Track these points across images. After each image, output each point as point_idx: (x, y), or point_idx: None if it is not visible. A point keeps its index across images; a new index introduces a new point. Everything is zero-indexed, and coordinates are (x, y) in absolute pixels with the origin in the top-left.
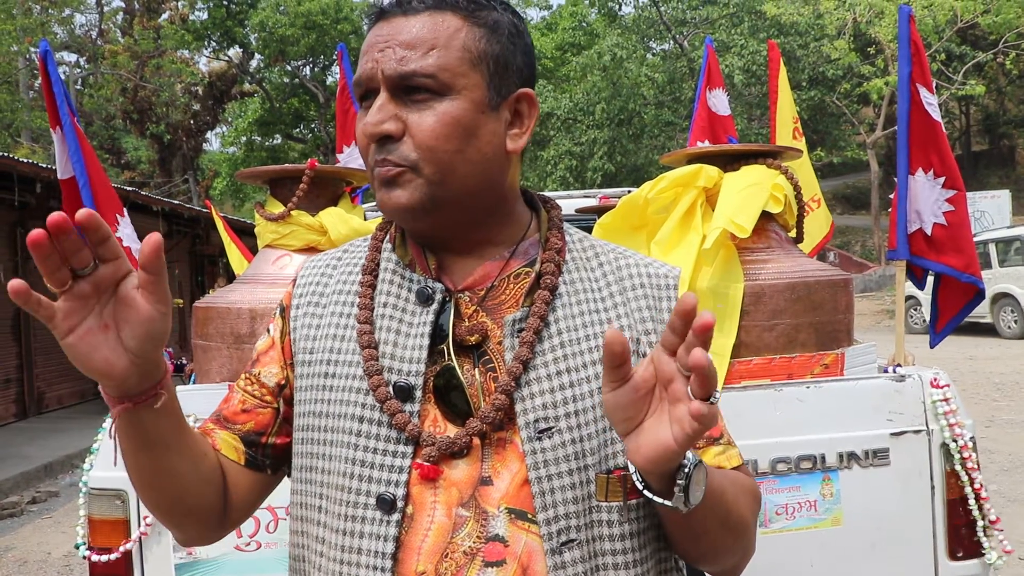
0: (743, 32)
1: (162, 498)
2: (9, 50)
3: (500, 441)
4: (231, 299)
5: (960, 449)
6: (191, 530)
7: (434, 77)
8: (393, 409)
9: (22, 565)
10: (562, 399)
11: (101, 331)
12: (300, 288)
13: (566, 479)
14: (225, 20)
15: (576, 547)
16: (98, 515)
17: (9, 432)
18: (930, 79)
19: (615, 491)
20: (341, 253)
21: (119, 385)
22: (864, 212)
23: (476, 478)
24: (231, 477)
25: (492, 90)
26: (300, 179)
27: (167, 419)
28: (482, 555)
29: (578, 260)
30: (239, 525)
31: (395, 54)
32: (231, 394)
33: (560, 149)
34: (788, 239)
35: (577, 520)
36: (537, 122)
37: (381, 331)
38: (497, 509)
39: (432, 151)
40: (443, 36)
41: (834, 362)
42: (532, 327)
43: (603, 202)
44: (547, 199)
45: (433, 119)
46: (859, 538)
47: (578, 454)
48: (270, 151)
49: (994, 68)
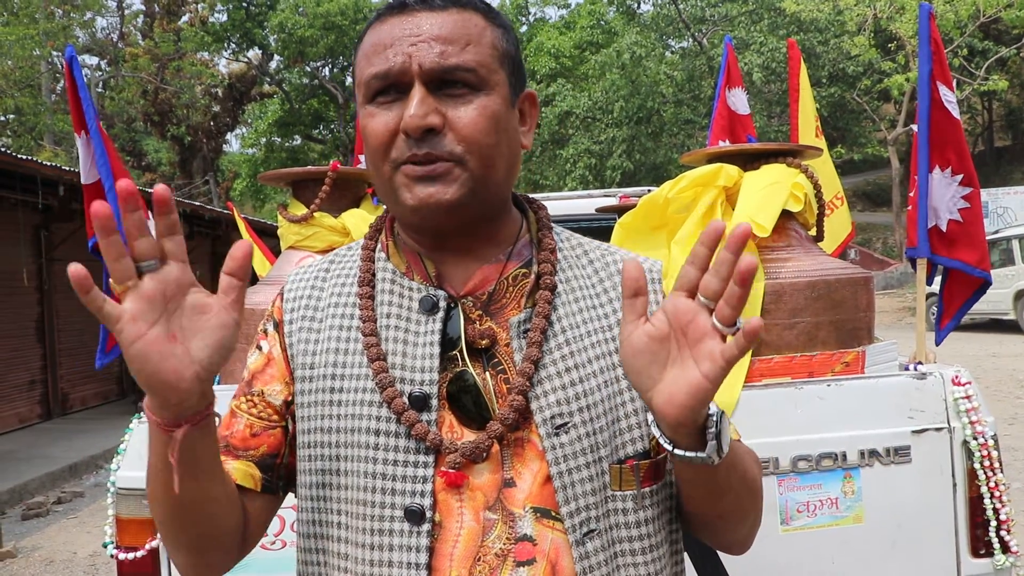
0: (762, 29)
1: (200, 527)
2: (32, 54)
3: (518, 441)
4: (255, 300)
5: (980, 447)
6: (214, 557)
7: (475, 71)
8: (411, 420)
9: (48, 564)
10: (574, 395)
11: (169, 341)
12: (290, 303)
13: (584, 472)
14: (244, 22)
15: (597, 537)
16: (126, 514)
17: (34, 433)
18: (949, 77)
19: (628, 479)
20: (328, 264)
21: (180, 403)
22: (885, 209)
23: (499, 481)
24: (247, 505)
25: (511, 88)
26: (323, 181)
27: (213, 444)
28: (513, 555)
29: (570, 259)
30: (250, 551)
31: (432, 48)
32: (232, 420)
33: (579, 148)
34: (808, 238)
35: (596, 511)
36: (556, 121)
37: (387, 342)
38: (523, 510)
39: (476, 144)
40: (475, 33)
41: (855, 360)
42: (538, 327)
43: (623, 201)
44: (532, 200)
45: (475, 112)
46: (880, 536)
47: (593, 447)
48: (290, 152)
49: (1017, 63)
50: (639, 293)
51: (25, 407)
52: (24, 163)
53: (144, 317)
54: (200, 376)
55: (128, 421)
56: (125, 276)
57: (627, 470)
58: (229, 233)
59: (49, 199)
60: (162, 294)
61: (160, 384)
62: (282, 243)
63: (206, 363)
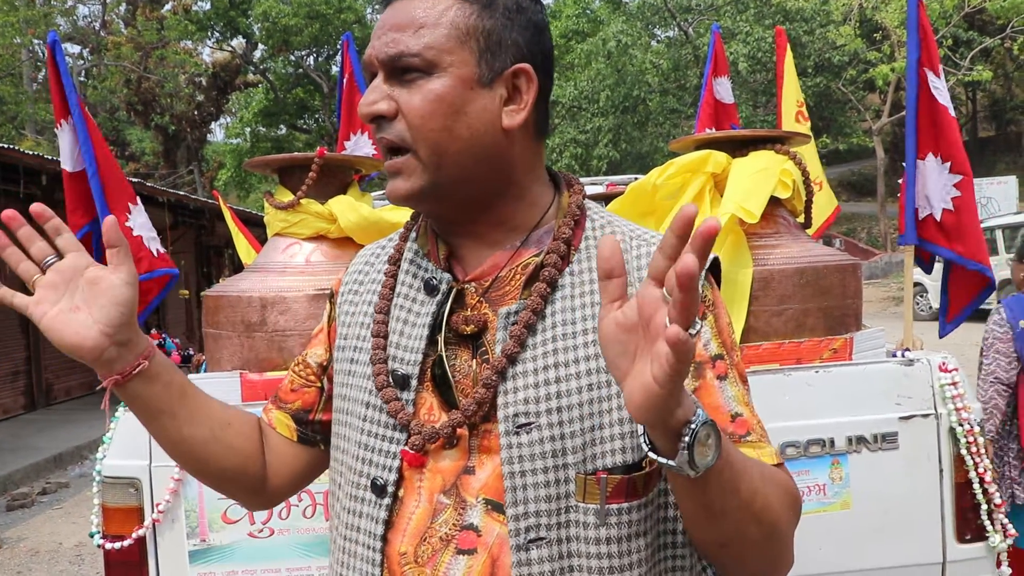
0: (748, 19)
1: (188, 464)
2: (12, 42)
3: (486, 433)
4: (242, 287)
5: (966, 433)
6: (235, 494)
7: (419, 56)
8: (388, 397)
9: (34, 555)
10: (545, 394)
11: (72, 312)
12: (348, 275)
13: (540, 476)
14: (228, 10)
15: (545, 545)
16: (112, 503)
17: (18, 424)
18: (938, 64)
19: (592, 492)
20: (386, 242)
21: (99, 359)
22: (870, 199)
23: (460, 467)
24: (282, 451)
25: (484, 66)
26: (309, 168)
27: (163, 390)
28: (456, 542)
29: (592, 248)
30: (289, 496)
31: (387, 38)
32: (287, 375)
33: (565, 137)
34: (796, 224)
35: (548, 519)
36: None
37: (394, 320)
38: (475, 499)
39: (419, 129)
40: (432, 15)
41: (843, 347)
42: (523, 320)
43: (610, 189)
44: (572, 182)
45: (419, 97)
46: (868, 521)
47: (557, 452)
48: (275, 142)
49: (1001, 53)
50: (612, 274)
51: (9, 398)
52: (6, 152)
53: (47, 299)
54: (105, 332)
55: (113, 411)
56: (29, 274)
57: (592, 482)
58: (214, 222)
59: (31, 188)
60: (61, 279)
61: (71, 347)
62: (268, 230)
63: (106, 319)
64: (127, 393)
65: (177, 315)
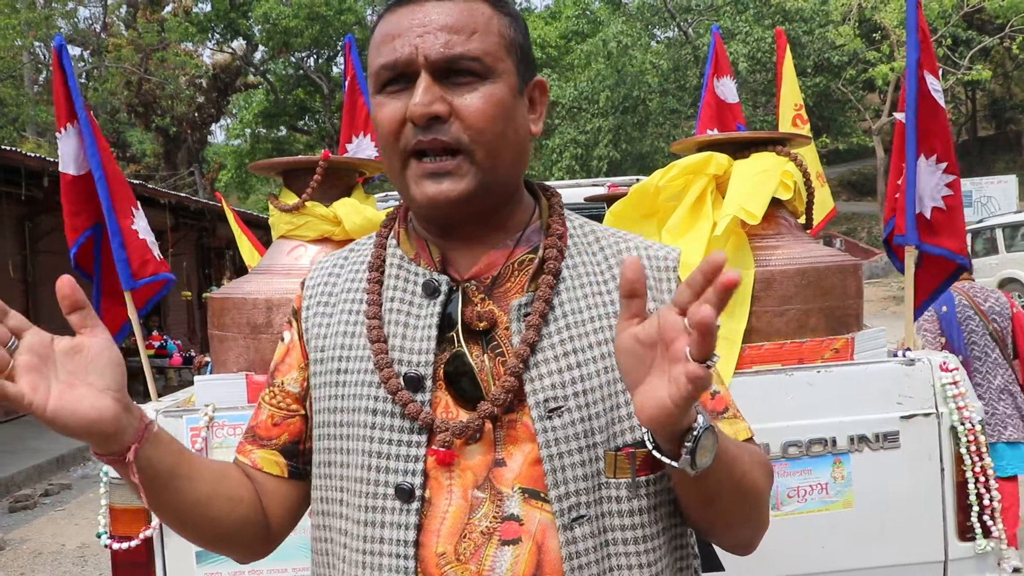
0: (748, 19)
1: (203, 529)
2: (14, 44)
3: (511, 423)
4: (247, 290)
5: (967, 432)
6: (241, 552)
7: (480, 60)
8: (405, 399)
9: (36, 556)
10: (570, 379)
11: (70, 389)
12: (309, 291)
13: (576, 456)
14: (228, 12)
15: (586, 523)
16: (119, 504)
17: (21, 425)
18: (936, 66)
19: (623, 468)
20: (348, 253)
21: (117, 431)
22: (870, 199)
23: (490, 460)
24: (273, 491)
25: (519, 76)
26: (314, 170)
27: (168, 447)
28: (499, 534)
29: (580, 245)
30: (288, 534)
31: (438, 38)
32: (258, 411)
33: (565, 138)
34: (797, 225)
35: (587, 496)
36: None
37: (390, 325)
38: (511, 489)
39: (482, 132)
40: (481, 21)
41: (844, 347)
42: (538, 311)
43: (612, 190)
44: (547, 187)
45: (481, 100)
46: (870, 520)
47: (587, 432)
48: (275, 143)
49: (1001, 53)
50: (635, 295)
51: None
52: (8, 154)
53: (41, 381)
54: (115, 397)
55: None
56: (2, 364)
57: (622, 458)
58: (215, 224)
59: (33, 190)
60: (39, 358)
61: (90, 424)
62: (273, 232)
63: (112, 384)
64: (142, 461)
65: (178, 317)
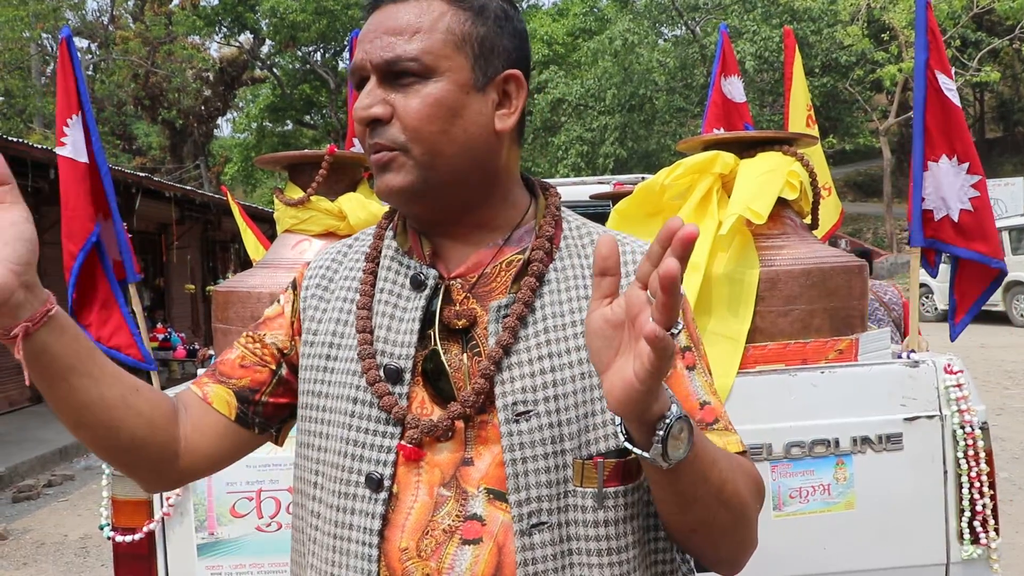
0: (756, 18)
1: (98, 434)
2: (21, 36)
3: (483, 423)
4: (251, 283)
5: (966, 436)
6: (137, 470)
7: (417, 60)
8: (381, 391)
9: (39, 547)
10: (542, 383)
11: None
12: (312, 271)
13: (541, 462)
14: (236, 6)
15: (547, 530)
16: (121, 496)
17: (24, 416)
18: (948, 65)
19: (590, 477)
20: (352, 242)
21: (7, 302)
22: (876, 199)
23: (458, 459)
24: (210, 428)
25: (478, 71)
26: (319, 165)
27: (73, 342)
28: (460, 533)
29: (572, 248)
30: (202, 476)
31: (382, 42)
32: (229, 351)
33: (571, 135)
34: (803, 225)
35: (549, 503)
36: (548, 108)
37: (378, 316)
38: (476, 489)
39: (417, 132)
40: (427, 21)
41: (848, 347)
42: (515, 313)
43: (617, 188)
44: (547, 186)
45: (418, 101)
46: (872, 522)
47: (555, 438)
48: (281, 137)
49: (1010, 54)
50: (607, 272)
51: (15, 390)
52: (14, 146)
53: None
54: (13, 269)
55: None
56: None
57: (589, 466)
58: (220, 217)
59: (39, 182)
60: None
61: None
62: (278, 226)
63: (14, 256)
64: (34, 347)
65: (182, 310)
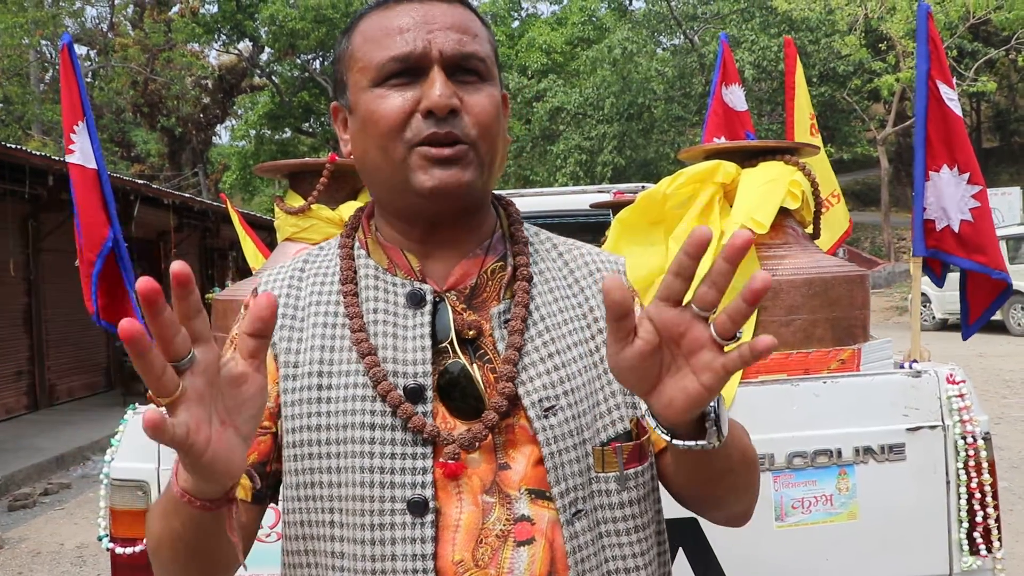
0: (754, 28)
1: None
2: (20, 43)
3: (508, 428)
4: (249, 291)
5: (967, 447)
6: None
7: (484, 62)
8: (408, 412)
9: (35, 556)
10: (558, 379)
11: (223, 431)
12: None
13: (571, 454)
14: (235, 13)
15: (584, 517)
16: (120, 506)
17: (21, 424)
18: (949, 75)
19: (611, 462)
20: (302, 264)
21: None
22: (874, 209)
23: (494, 465)
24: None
25: (500, 84)
26: (320, 173)
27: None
28: (513, 535)
29: (541, 252)
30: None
31: (449, 35)
32: None
33: (570, 144)
34: (805, 235)
35: (582, 491)
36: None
37: (376, 337)
38: (518, 491)
39: (487, 129)
40: (478, 28)
41: (850, 357)
42: (519, 316)
43: (618, 197)
44: (501, 197)
45: (486, 99)
46: (875, 532)
47: (577, 429)
48: (280, 145)
49: (1006, 64)
50: (625, 316)
51: (12, 398)
52: (13, 152)
53: (204, 418)
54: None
55: (114, 412)
56: (171, 388)
57: (609, 452)
58: (218, 225)
59: (37, 189)
60: (206, 385)
61: (225, 475)
62: (279, 235)
63: (249, 436)
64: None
65: None
